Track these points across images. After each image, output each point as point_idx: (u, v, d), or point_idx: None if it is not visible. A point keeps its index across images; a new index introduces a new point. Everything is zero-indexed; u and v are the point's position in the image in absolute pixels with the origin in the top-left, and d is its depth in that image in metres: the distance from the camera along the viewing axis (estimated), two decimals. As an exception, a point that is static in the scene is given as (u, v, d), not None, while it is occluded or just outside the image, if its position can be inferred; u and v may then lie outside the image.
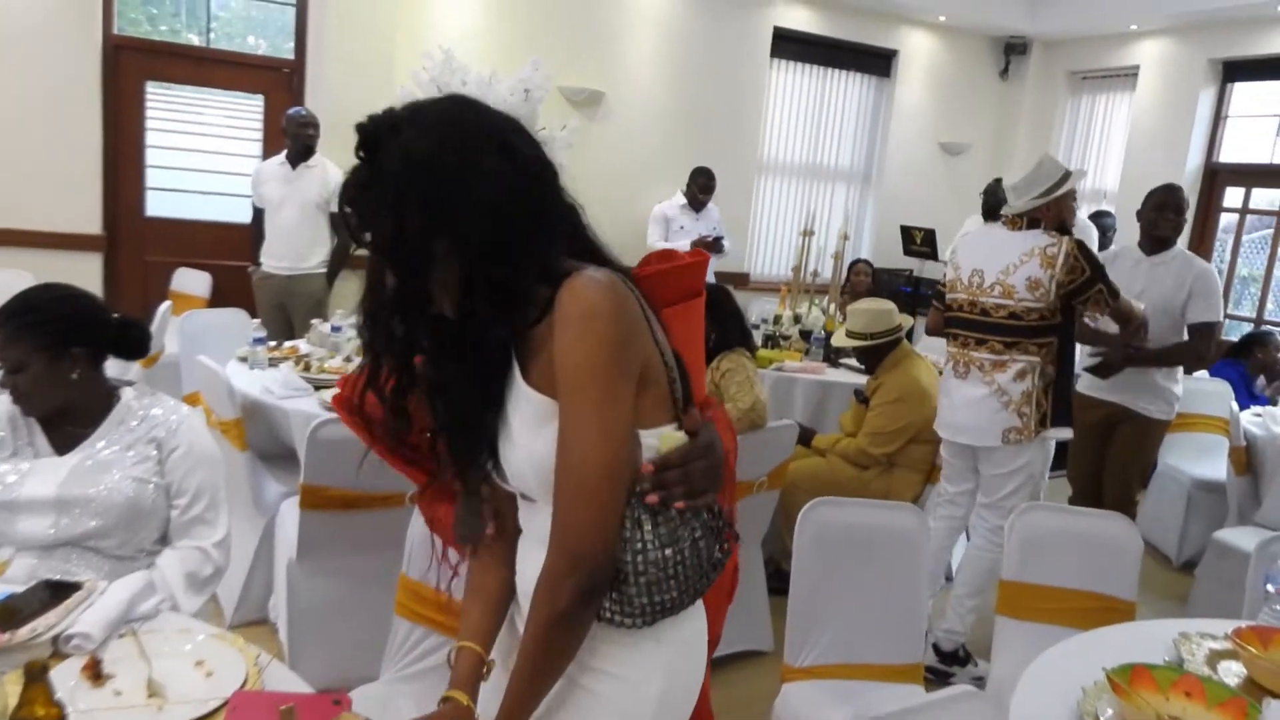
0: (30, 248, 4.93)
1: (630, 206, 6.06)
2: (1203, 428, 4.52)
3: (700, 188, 5.80)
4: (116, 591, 1.51)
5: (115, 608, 1.46)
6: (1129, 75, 7.25)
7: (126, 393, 1.87)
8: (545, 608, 1.06)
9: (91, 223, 5.16)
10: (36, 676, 1.05)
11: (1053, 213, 3.07)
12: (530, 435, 1.10)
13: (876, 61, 7.56)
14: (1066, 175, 3.07)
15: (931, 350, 4.96)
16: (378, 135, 1.04)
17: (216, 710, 1.24)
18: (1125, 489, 3.67)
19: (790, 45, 7.11)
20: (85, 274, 5.14)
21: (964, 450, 3.21)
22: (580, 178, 1.22)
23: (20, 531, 1.69)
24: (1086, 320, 3.33)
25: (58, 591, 1.46)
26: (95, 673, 1.28)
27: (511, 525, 1.25)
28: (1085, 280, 2.96)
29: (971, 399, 3.09)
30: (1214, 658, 1.76)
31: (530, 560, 1.19)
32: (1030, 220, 3.06)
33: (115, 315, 1.89)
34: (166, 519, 1.83)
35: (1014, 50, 7.74)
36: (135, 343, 1.90)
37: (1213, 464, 4.35)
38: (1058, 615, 2.27)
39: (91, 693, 1.26)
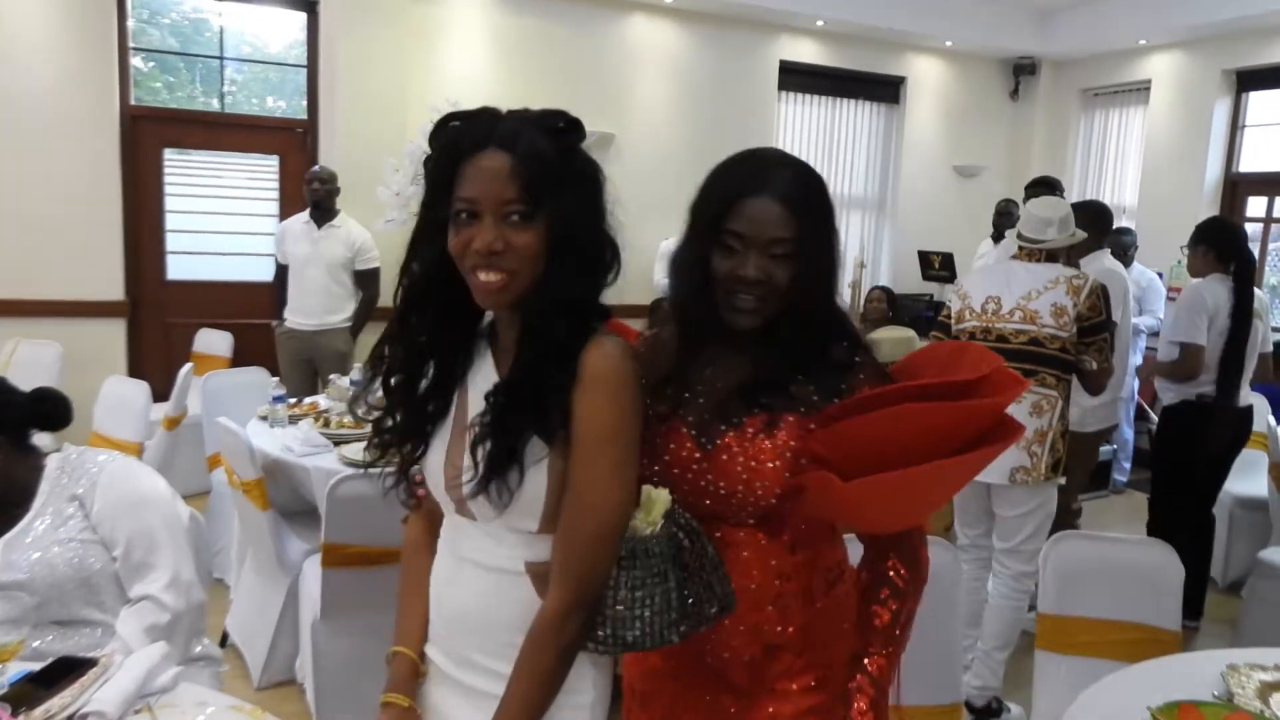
0: (56, 317, 5.02)
1: (643, 245, 6.06)
2: (1242, 444, 4.41)
3: None
4: (132, 666, 1.49)
5: (131, 683, 1.44)
6: (1141, 90, 7.20)
7: (51, 460, 1.84)
8: (554, 640, 1.13)
9: (114, 289, 5.24)
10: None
11: (1066, 254, 3.10)
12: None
13: (885, 89, 7.58)
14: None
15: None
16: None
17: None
18: (1062, 497, 3.47)
19: (797, 78, 7.14)
20: (110, 340, 5.22)
21: (976, 488, 3.07)
22: None
23: None
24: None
25: (73, 668, 1.44)
26: (108, 753, 1.26)
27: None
28: (1099, 322, 2.91)
29: None
30: (1265, 690, 1.68)
31: (464, 580, 1.22)
32: (1049, 255, 3.04)
33: (27, 391, 1.87)
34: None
35: (1023, 71, 7.72)
36: (54, 414, 1.88)
37: (1254, 481, 4.24)
38: (1100, 648, 2.20)
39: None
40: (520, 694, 1.14)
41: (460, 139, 1.13)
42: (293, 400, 3.67)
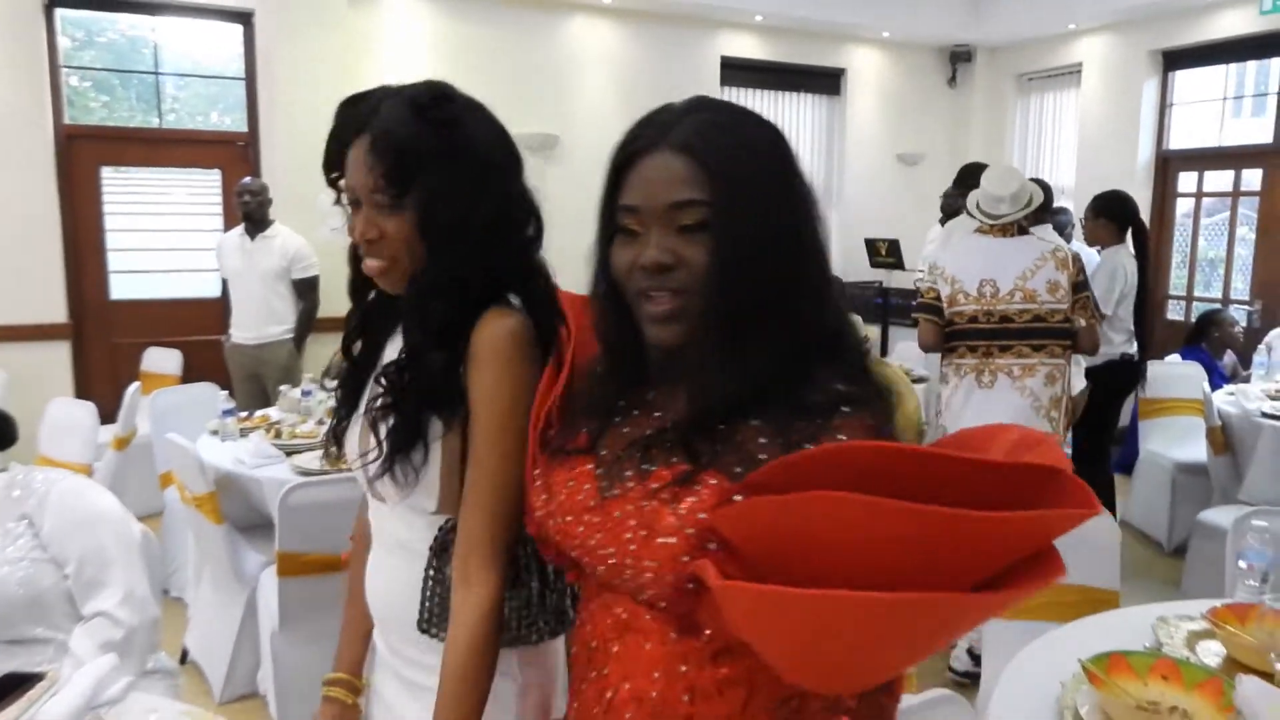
0: (-2, 342, 4.93)
1: (588, 245, 6.08)
2: (1179, 411, 4.55)
3: None
4: (81, 679, 1.49)
5: (79, 696, 1.45)
6: (1074, 73, 7.39)
7: None
8: (494, 632, 1.08)
9: (57, 311, 5.15)
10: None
11: (1029, 224, 3.25)
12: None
13: (825, 81, 7.69)
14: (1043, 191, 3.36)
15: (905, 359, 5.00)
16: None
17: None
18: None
19: (738, 73, 7.22)
20: (54, 362, 5.13)
21: None
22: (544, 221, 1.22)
23: None
24: None
25: (19, 683, 1.44)
26: (57, 764, 1.27)
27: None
28: (1081, 282, 3.13)
29: (1004, 406, 3.07)
30: (1192, 639, 1.75)
31: (379, 564, 1.23)
32: (1019, 227, 3.18)
33: None
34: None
35: (960, 58, 7.88)
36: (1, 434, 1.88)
37: (1193, 446, 4.37)
38: (1041, 610, 2.26)
39: (53, 785, 1.24)
40: (453, 697, 1.06)
41: (341, 128, 1.13)
42: (243, 414, 3.65)
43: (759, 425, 0.86)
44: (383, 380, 1.12)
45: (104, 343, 5.37)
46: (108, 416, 3.90)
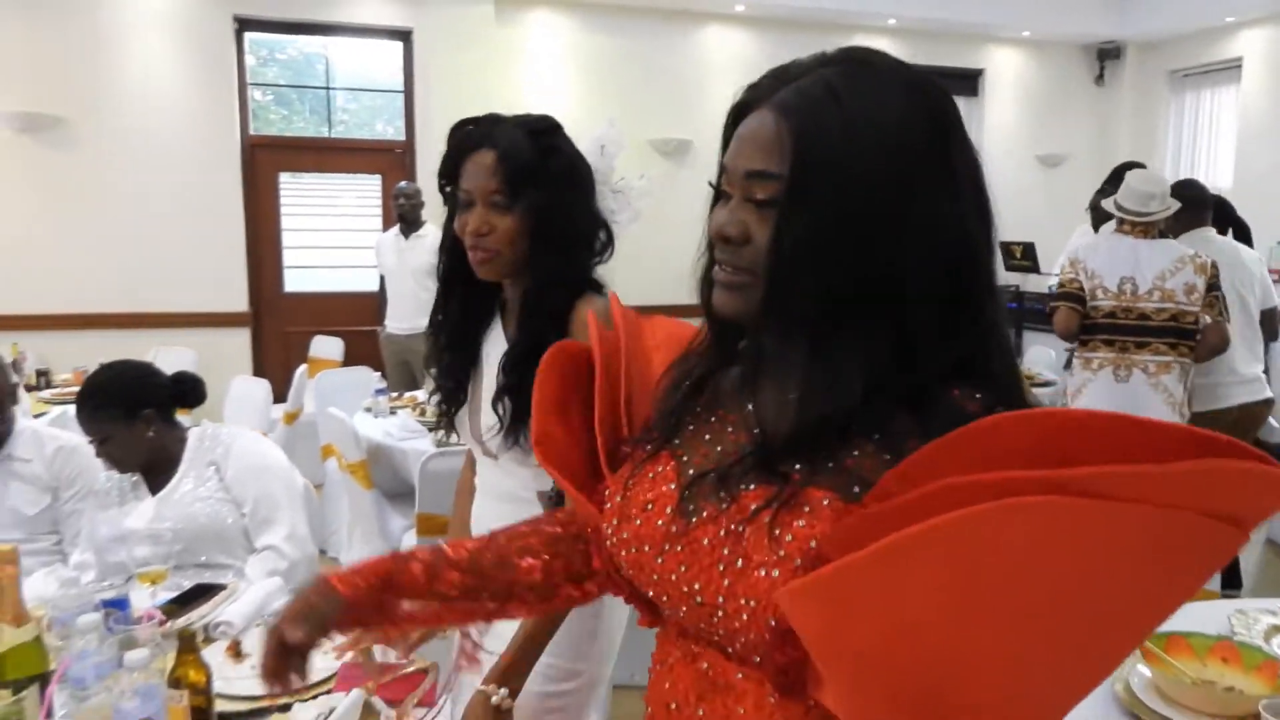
0: (189, 328, 5.58)
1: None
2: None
3: None
4: (254, 592, 1.82)
5: (252, 604, 1.77)
6: (1233, 68, 7.03)
7: (193, 434, 2.18)
8: None
9: (239, 302, 5.80)
10: (187, 643, 1.34)
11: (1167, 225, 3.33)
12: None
13: (962, 83, 7.60)
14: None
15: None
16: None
17: (330, 678, 1.51)
18: None
19: (873, 76, 7.24)
20: (236, 347, 5.77)
21: None
22: (672, 225, 1.46)
23: (137, 558, 2.03)
24: None
25: (208, 591, 1.78)
26: (236, 652, 1.58)
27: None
28: (1215, 283, 3.21)
29: (1140, 401, 3.19)
30: (1271, 632, 1.70)
31: (486, 511, 1.46)
32: (1160, 231, 3.27)
33: (169, 374, 2.22)
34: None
35: (1107, 55, 7.62)
36: (191, 393, 2.22)
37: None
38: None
39: (233, 666, 1.55)
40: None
41: (459, 144, 1.40)
42: (394, 394, 4.05)
43: (878, 441, 0.70)
44: (505, 367, 1.38)
45: (278, 330, 5.99)
46: (279, 396, 4.41)
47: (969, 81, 7.62)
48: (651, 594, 0.81)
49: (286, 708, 1.42)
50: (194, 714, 1.30)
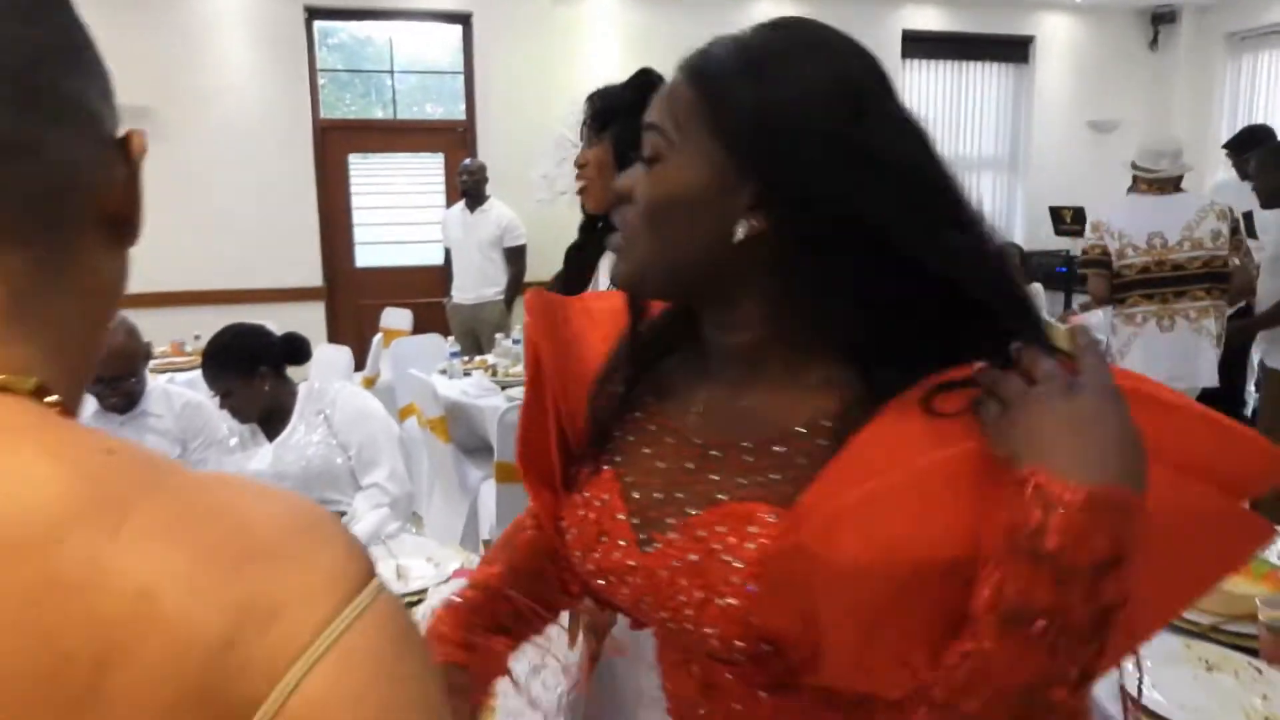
0: (266, 303, 5.89)
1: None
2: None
3: None
4: (367, 520, 2.10)
5: (368, 528, 2.04)
6: (1291, 28, 6.94)
7: (302, 387, 2.45)
8: None
9: (314, 277, 6.13)
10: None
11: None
12: None
13: (1013, 50, 7.61)
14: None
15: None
16: None
17: (442, 583, 1.76)
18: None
19: (921, 44, 7.30)
20: (311, 320, 6.09)
21: None
22: None
23: None
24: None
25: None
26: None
27: None
28: (1236, 228, 3.44)
29: (1187, 346, 3.42)
30: None
31: None
32: (1175, 185, 3.45)
33: (279, 335, 2.46)
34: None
35: (1162, 19, 7.56)
36: (300, 351, 2.47)
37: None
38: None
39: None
40: None
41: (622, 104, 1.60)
42: (465, 358, 4.32)
43: (824, 446, 0.67)
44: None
45: (350, 303, 6.32)
46: (355, 365, 4.71)
47: (1019, 48, 7.62)
48: (629, 613, 0.82)
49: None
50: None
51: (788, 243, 0.67)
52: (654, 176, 0.70)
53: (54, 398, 0.43)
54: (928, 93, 7.50)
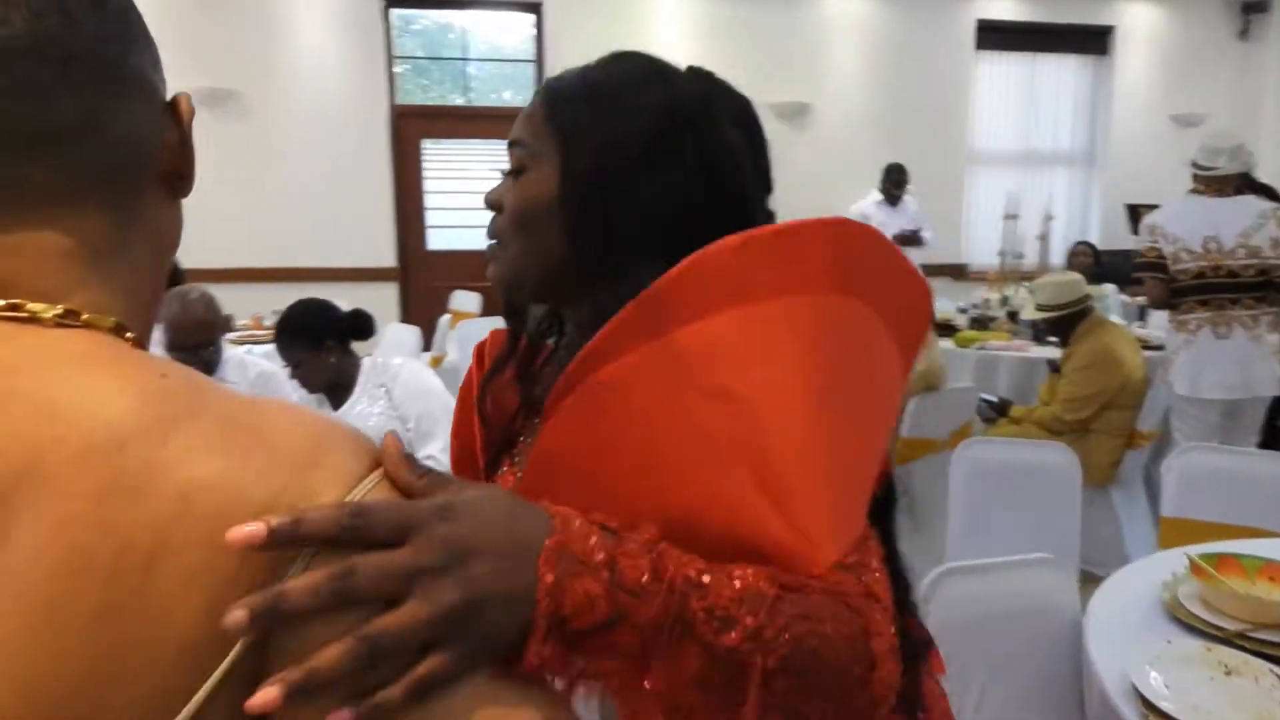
0: (341, 282, 6.11)
1: (839, 208, 6.40)
2: None
3: (893, 183, 6.03)
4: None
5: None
6: (1393, 20, 6.63)
7: (365, 362, 2.56)
8: None
9: (387, 258, 6.34)
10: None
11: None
12: None
13: (1091, 40, 7.41)
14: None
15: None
16: None
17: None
18: None
19: (995, 35, 7.16)
20: (384, 300, 6.30)
21: (1230, 407, 3.38)
22: (788, 187, 1.32)
23: None
24: None
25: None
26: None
27: None
28: None
29: (1244, 356, 3.31)
30: None
31: None
32: (1236, 188, 3.33)
33: (346, 311, 2.57)
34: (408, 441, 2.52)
35: (1253, 9, 7.28)
36: (364, 326, 2.57)
37: None
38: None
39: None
40: None
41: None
42: (527, 342, 4.45)
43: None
44: None
45: (422, 285, 6.52)
46: (424, 345, 4.88)
47: (1098, 39, 7.42)
48: None
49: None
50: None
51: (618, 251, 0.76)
52: (518, 187, 0.80)
53: (130, 334, 0.52)
54: (1003, 83, 7.36)
